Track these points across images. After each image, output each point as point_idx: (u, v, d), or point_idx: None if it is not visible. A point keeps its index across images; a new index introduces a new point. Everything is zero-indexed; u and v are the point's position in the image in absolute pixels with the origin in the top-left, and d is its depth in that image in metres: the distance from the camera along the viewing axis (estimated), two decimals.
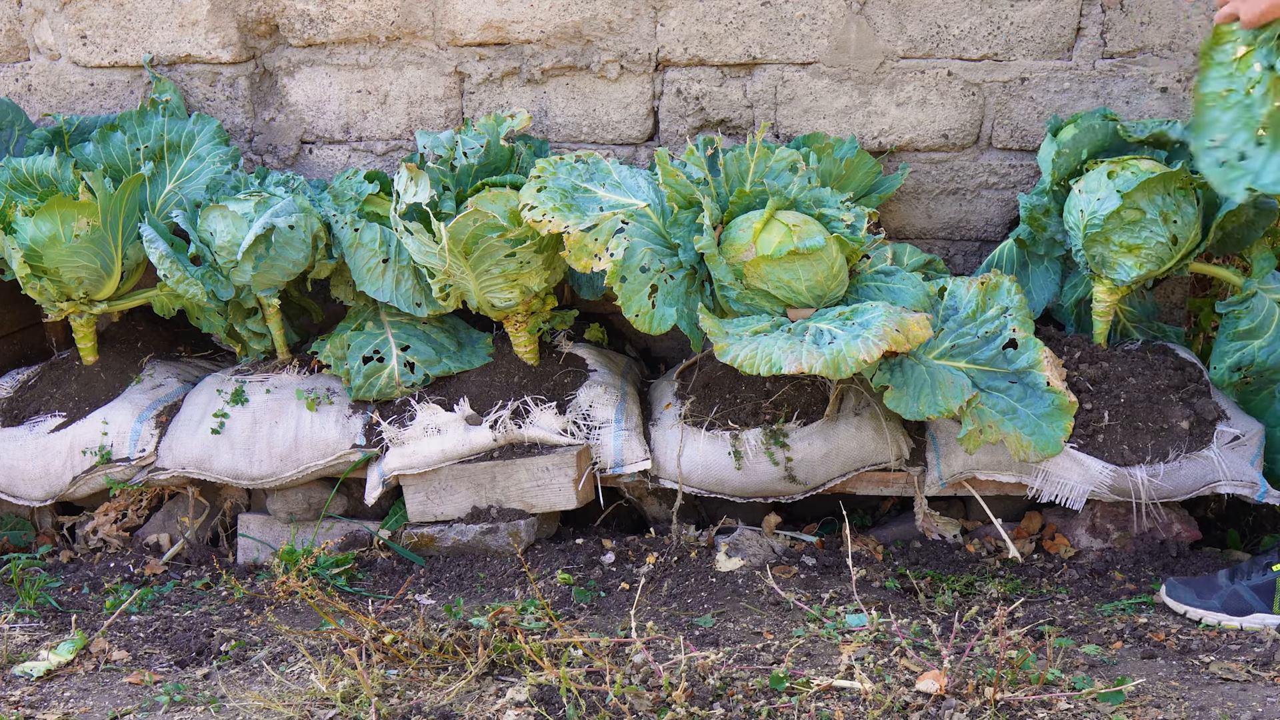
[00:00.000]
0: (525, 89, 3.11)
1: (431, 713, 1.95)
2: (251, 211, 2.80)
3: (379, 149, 3.21)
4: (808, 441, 2.64)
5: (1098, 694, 1.92)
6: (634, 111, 3.09)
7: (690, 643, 2.16)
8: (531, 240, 2.61)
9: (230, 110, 3.22)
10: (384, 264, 2.80)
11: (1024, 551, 2.65)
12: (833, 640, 2.21)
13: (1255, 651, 2.16)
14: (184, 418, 2.86)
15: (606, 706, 1.91)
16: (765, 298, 2.61)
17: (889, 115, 2.99)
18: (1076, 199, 2.66)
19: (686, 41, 3.01)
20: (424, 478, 2.74)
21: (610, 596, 2.53)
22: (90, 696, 2.18)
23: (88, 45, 3.21)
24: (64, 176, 2.89)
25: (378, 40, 3.13)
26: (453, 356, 2.88)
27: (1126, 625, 2.30)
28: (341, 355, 2.85)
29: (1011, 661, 1.96)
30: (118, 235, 2.83)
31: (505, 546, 2.72)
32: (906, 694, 1.91)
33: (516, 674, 2.08)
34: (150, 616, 2.54)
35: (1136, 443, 2.59)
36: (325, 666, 2.12)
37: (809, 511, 2.84)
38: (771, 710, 1.91)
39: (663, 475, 2.71)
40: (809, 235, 2.57)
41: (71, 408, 2.95)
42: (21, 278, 2.80)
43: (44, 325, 3.34)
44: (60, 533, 3.04)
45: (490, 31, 3.07)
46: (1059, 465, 2.55)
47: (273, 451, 2.79)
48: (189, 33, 3.16)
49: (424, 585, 2.64)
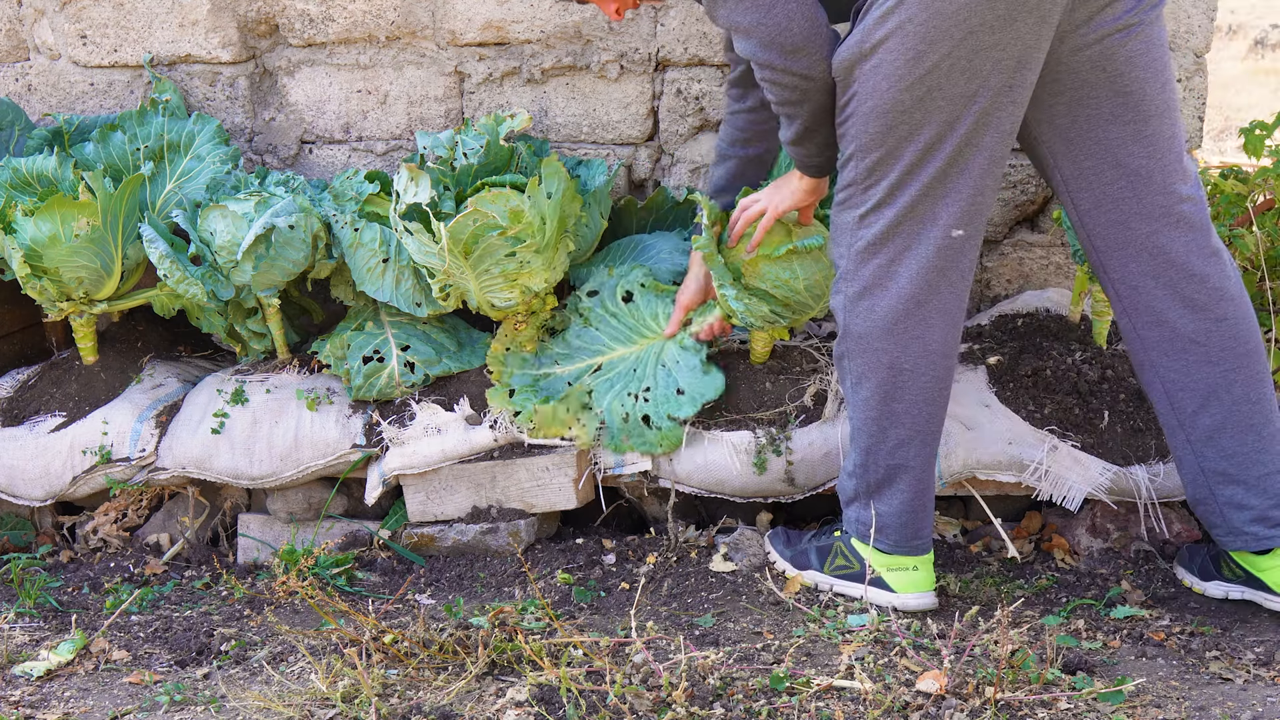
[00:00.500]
0: (525, 89, 3.11)
1: (431, 712, 1.95)
2: (251, 211, 2.80)
3: (379, 149, 3.21)
4: (808, 442, 2.64)
5: (1098, 694, 1.92)
6: (634, 111, 3.09)
7: (690, 642, 2.16)
8: (531, 240, 2.61)
9: (230, 110, 3.22)
10: (384, 264, 2.80)
11: (1023, 551, 2.65)
12: (833, 640, 2.21)
13: (1256, 651, 2.17)
14: (184, 418, 2.86)
15: (606, 706, 1.91)
16: (764, 297, 2.61)
17: None
18: None
19: (686, 41, 3.01)
20: (424, 478, 2.74)
21: (610, 596, 2.53)
22: (90, 696, 2.18)
23: (88, 45, 3.21)
24: (64, 176, 2.89)
25: (378, 40, 3.13)
26: (453, 356, 2.88)
27: (1126, 625, 2.30)
28: (341, 355, 2.85)
29: (1012, 661, 1.97)
30: (118, 235, 2.83)
31: (505, 546, 2.72)
32: (907, 694, 1.91)
33: (516, 674, 2.09)
34: (150, 616, 2.54)
35: (1136, 442, 2.60)
36: (325, 666, 2.12)
37: (809, 511, 2.84)
38: (771, 710, 1.91)
39: (662, 475, 2.71)
40: (807, 234, 2.58)
41: (71, 408, 2.95)
42: (21, 278, 2.80)
43: (44, 325, 3.34)
44: (60, 533, 3.04)
45: (490, 31, 3.07)
46: (1060, 464, 2.55)
47: (273, 451, 2.79)
48: (189, 33, 3.16)
49: (424, 585, 2.64)
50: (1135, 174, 2.18)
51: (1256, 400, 2.23)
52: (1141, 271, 2.23)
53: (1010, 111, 2.11)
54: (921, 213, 2.16)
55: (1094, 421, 2.62)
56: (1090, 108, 2.16)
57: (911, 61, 2.05)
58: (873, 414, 2.28)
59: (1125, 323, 2.30)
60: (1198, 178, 2.23)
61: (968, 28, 2.02)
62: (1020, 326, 2.89)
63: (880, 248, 2.19)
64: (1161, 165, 2.18)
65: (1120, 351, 2.76)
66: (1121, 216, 2.21)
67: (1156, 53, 2.14)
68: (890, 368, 2.23)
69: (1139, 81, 2.13)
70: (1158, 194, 2.19)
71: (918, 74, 2.06)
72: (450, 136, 2.87)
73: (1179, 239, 2.20)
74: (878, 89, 2.10)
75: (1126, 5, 2.09)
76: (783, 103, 2.24)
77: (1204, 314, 2.22)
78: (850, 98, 2.15)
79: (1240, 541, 2.29)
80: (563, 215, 2.65)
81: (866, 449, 2.31)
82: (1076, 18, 2.08)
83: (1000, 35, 2.03)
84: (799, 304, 2.62)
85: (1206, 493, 2.30)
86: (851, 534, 2.40)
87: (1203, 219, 2.22)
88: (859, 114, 2.14)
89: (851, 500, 2.39)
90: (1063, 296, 2.98)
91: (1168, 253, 2.21)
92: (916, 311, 2.20)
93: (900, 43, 2.05)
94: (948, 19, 2.01)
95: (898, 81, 2.07)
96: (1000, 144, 2.13)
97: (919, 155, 2.12)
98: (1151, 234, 2.21)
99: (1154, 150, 2.17)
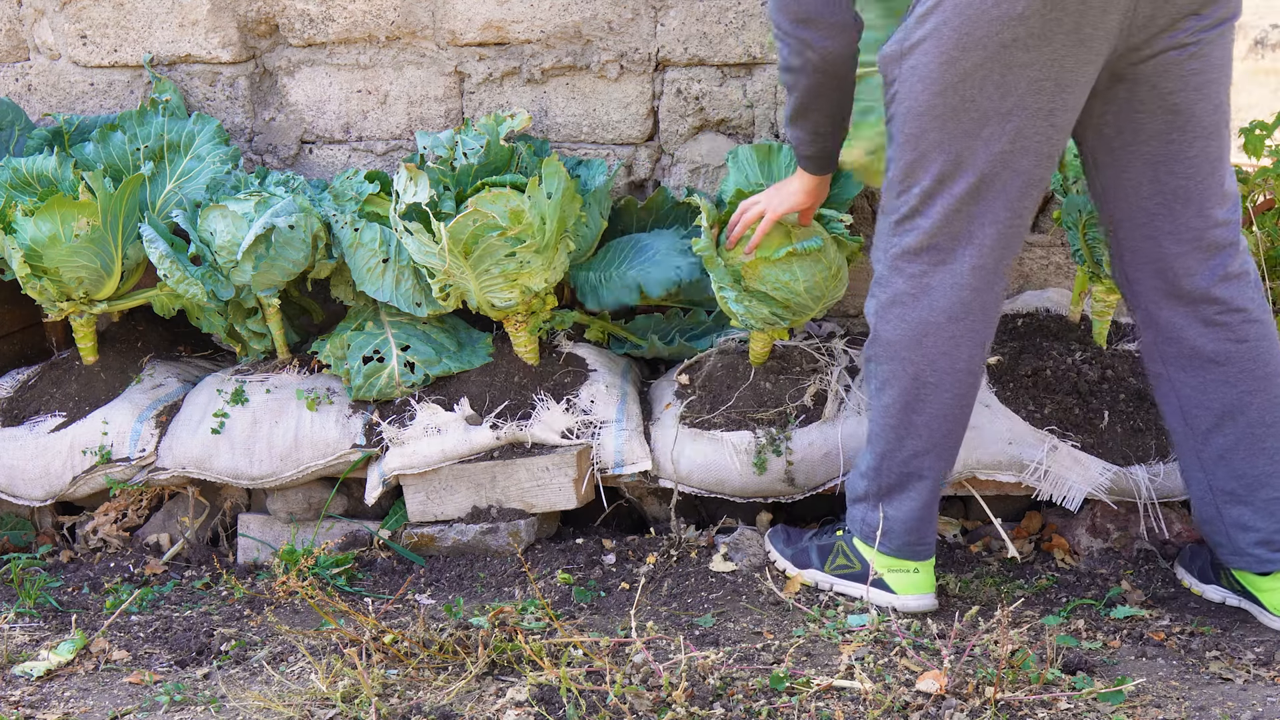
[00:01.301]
0: (525, 89, 3.11)
1: (431, 712, 1.95)
2: (251, 211, 2.80)
3: (379, 149, 3.21)
4: (808, 442, 2.64)
5: (1098, 694, 1.92)
6: (634, 111, 3.09)
7: (690, 643, 2.16)
8: (531, 240, 2.61)
9: (230, 110, 3.22)
10: (384, 264, 2.80)
11: (1023, 551, 2.65)
12: (833, 640, 2.21)
13: (1256, 651, 2.17)
14: (184, 418, 2.86)
15: (606, 706, 1.91)
16: (764, 299, 2.61)
17: None
18: (1075, 199, 2.66)
19: (686, 41, 3.01)
20: (424, 477, 2.74)
21: (610, 596, 2.53)
22: (90, 696, 2.18)
23: (88, 45, 3.21)
24: (64, 176, 2.89)
25: (378, 40, 3.13)
26: (453, 356, 2.88)
27: (1126, 625, 2.30)
28: (341, 355, 2.85)
29: (1012, 661, 1.97)
30: (118, 235, 2.83)
31: (505, 546, 2.72)
32: (906, 694, 1.91)
33: (516, 674, 2.09)
34: (150, 616, 2.54)
35: (1136, 442, 2.60)
36: (325, 666, 2.12)
37: (809, 511, 2.84)
38: (771, 710, 1.91)
39: (663, 475, 2.71)
40: (807, 235, 2.58)
41: (71, 408, 2.95)
42: (21, 278, 2.81)
43: (44, 325, 3.34)
44: (60, 533, 3.04)
45: (490, 31, 3.07)
46: (1059, 464, 2.55)
47: (273, 451, 2.79)
48: (189, 32, 3.16)
49: (424, 585, 2.64)
50: (1173, 194, 2.14)
51: (1272, 423, 2.21)
52: (1165, 290, 2.21)
53: (1049, 135, 2.06)
54: (956, 230, 2.12)
55: (1094, 421, 2.62)
56: (1137, 123, 2.12)
57: (944, 66, 2.02)
58: (892, 421, 2.27)
59: (1145, 336, 2.28)
60: (1237, 199, 2.19)
61: (1000, 41, 1.98)
62: (1020, 326, 2.89)
63: (914, 258, 2.17)
64: (1201, 188, 2.13)
65: (1120, 351, 2.76)
66: (1153, 234, 2.18)
67: (1213, 73, 2.08)
68: (915, 379, 2.22)
69: (1189, 102, 2.08)
70: (1194, 216, 2.15)
71: (950, 80, 2.03)
72: (450, 136, 2.87)
73: (1207, 262, 2.17)
74: (913, 91, 2.08)
75: (1185, 25, 2.03)
76: (786, 68, 2.23)
77: (1225, 335, 2.19)
78: (892, 97, 2.14)
79: (1243, 562, 2.28)
80: (563, 215, 2.65)
81: (882, 454, 2.31)
82: (1133, 40, 2.03)
83: (1036, 54, 1.98)
84: (799, 306, 2.61)
85: (1214, 512, 2.29)
86: (854, 533, 2.40)
87: (1234, 240, 2.18)
88: (898, 115, 2.13)
89: (859, 500, 2.38)
90: (1063, 296, 2.98)
91: (1194, 275, 2.18)
92: (947, 328, 2.17)
93: (935, 45, 2.03)
94: (981, 27, 1.98)
95: (931, 84, 2.05)
96: (1038, 168, 2.09)
97: (950, 166, 2.08)
98: (1180, 255, 2.17)
99: (1195, 172, 2.13)
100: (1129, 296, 2.28)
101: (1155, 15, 2.01)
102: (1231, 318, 2.19)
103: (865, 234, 3.06)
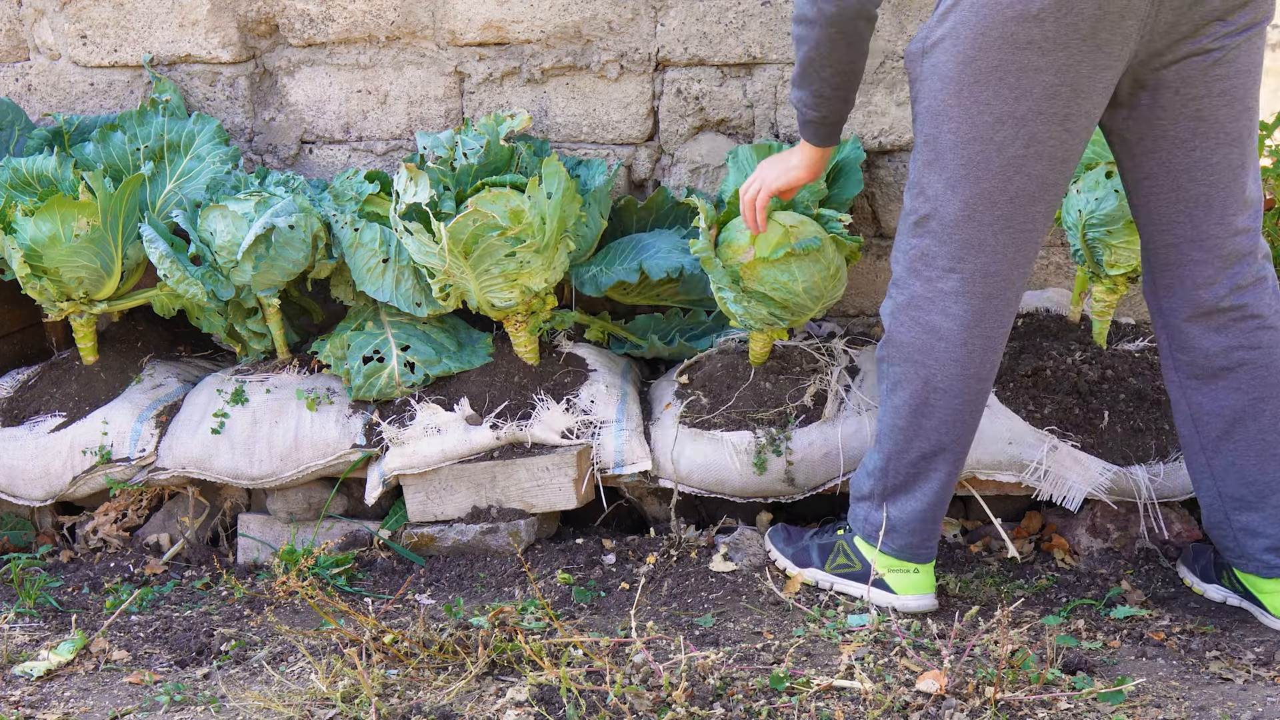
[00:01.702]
0: (525, 89, 3.11)
1: (431, 712, 1.95)
2: (251, 211, 2.80)
3: (379, 149, 3.21)
4: (808, 442, 2.64)
5: (1098, 694, 1.92)
6: (634, 111, 3.09)
7: (690, 643, 2.16)
8: (531, 240, 2.61)
9: (230, 110, 3.22)
10: (384, 264, 2.80)
11: (1023, 551, 2.65)
12: (833, 640, 2.21)
13: (1256, 651, 2.17)
14: (184, 418, 2.86)
15: (606, 706, 1.91)
16: (763, 300, 2.61)
17: (889, 115, 2.99)
18: (1074, 199, 2.66)
19: (686, 41, 3.01)
20: (424, 478, 2.74)
21: (610, 596, 2.53)
22: (90, 696, 2.18)
23: (88, 45, 3.21)
24: (64, 176, 2.89)
25: (378, 40, 3.13)
26: (453, 356, 2.88)
27: (1126, 625, 2.30)
28: (341, 355, 2.85)
29: (1012, 661, 1.97)
30: (118, 235, 2.83)
31: (505, 546, 2.72)
32: (906, 694, 1.91)
33: (516, 674, 2.09)
34: (150, 616, 2.54)
35: (1136, 442, 2.60)
36: (325, 666, 2.12)
37: (809, 511, 2.84)
38: (771, 710, 1.91)
39: (663, 475, 2.71)
40: (805, 235, 2.57)
41: (71, 408, 2.95)
42: (21, 278, 2.81)
43: (44, 325, 3.34)
44: (60, 533, 3.04)
45: (490, 31, 3.07)
46: (1060, 464, 2.55)
47: (273, 451, 2.79)
48: (189, 33, 3.16)
49: (424, 585, 2.64)
50: (1194, 201, 2.13)
51: None
52: (1185, 299, 2.20)
53: (1064, 140, 2.05)
54: (968, 234, 2.11)
55: (1094, 421, 2.62)
56: (1160, 129, 2.10)
57: (962, 65, 2.02)
58: (902, 423, 2.26)
59: (1162, 339, 2.28)
60: (1259, 205, 2.17)
61: (1015, 42, 1.97)
62: (1020, 326, 2.88)
63: (930, 262, 2.16)
64: (1223, 196, 2.12)
65: (1120, 351, 2.76)
66: (1173, 240, 2.17)
67: (1239, 80, 2.06)
68: (925, 383, 2.21)
69: (1214, 108, 2.06)
70: (1214, 224, 2.13)
71: (967, 80, 2.02)
72: (450, 136, 2.87)
73: (1225, 270, 2.16)
74: (932, 90, 2.07)
75: (1209, 30, 2.00)
76: (799, 18, 2.18)
77: (1239, 341, 2.18)
78: (915, 96, 2.13)
79: (1251, 566, 2.28)
80: (563, 215, 2.65)
81: (890, 454, 2.30)
82: (1155, 46, 2.01)
83: (1051, 58, 1.97)
84: (798, 306, 2.61)
85: (1222, 517, 2.29)
86: (856, 532, 2.40)
87: (1254, 247, 2.17)
88: (919, 115, 2.13)
89: (864, 499, 2.38)
90: (1062, 296, 2.98)
91: (1212, 283, 2.17)
92: (959, 334, 2.16)
93: (953, 44, 2.02)
94: (996, 27, 1.97)
95: (949, 84, 2.04)
96: (1052, 173, 2.07)
97: (963, 168, 2.07)
98: (1200, 262, 2.16)
99: (1217, 179, 2.11)
100: (1150, 299, 2.27)
101: (1178, 22, 1.99)
102: (1246, 324, 2.18)
103: (865, 234, 3.08)
